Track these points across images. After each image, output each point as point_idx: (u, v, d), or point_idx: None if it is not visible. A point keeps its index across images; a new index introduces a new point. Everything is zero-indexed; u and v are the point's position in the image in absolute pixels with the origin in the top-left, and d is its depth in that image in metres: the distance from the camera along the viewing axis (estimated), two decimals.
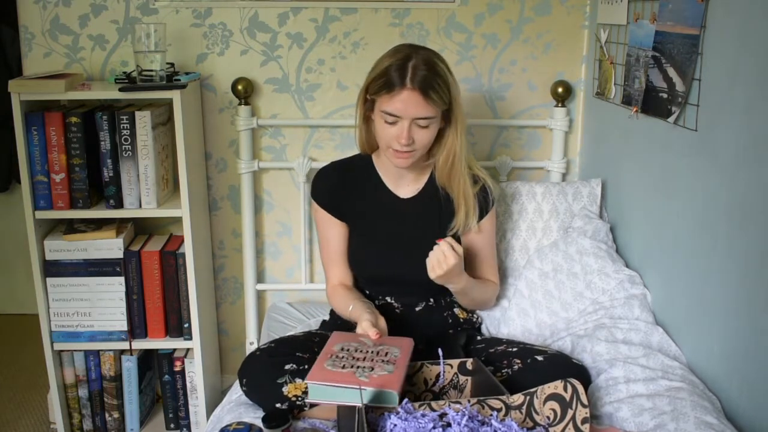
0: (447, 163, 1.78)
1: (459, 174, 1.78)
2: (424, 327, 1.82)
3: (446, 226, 1.83)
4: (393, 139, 1.68)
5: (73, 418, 2.22)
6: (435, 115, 1.67)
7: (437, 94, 1.64)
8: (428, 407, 1.33)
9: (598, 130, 2.26)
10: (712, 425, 1.41)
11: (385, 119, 1.67)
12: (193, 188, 2.11)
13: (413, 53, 1.66)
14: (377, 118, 1.70)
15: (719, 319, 1.55)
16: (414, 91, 1.62)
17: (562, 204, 2.12)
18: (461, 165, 1.78)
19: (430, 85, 1.63)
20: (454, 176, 1.79)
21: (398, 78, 1.62)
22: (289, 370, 1.56)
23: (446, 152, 1.77)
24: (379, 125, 1.70)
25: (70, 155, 2.00)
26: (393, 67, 1.64)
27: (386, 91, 1.64)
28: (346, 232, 1.88)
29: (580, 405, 1.30)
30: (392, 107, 1.64)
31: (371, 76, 1.70)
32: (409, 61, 1.64)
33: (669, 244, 1.77)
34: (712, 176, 1.55)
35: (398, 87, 1.62)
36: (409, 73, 1.62)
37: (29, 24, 2.22)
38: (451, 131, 1.75)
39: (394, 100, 1.64)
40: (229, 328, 2.49)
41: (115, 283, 2.10)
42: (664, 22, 1.70)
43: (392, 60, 1.66)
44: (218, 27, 2.26)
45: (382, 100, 1.66)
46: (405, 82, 1.62)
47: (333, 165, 1.91)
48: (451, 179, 1.79)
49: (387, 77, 1.64)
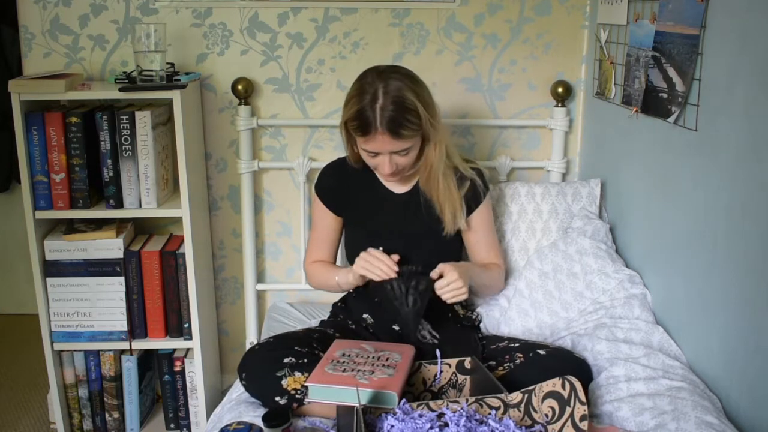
0: (425, 172, 1.82)
1: (436, 182, 1.81)
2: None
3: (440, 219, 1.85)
4: (377, 167, 1.76)
5: (73, 418, 2.22)
6: (411, 145, 1.72)
7: (408, 129, 1.67)
8: (426, 407, 1.33)
9: (598, 130, 2.26)
10: (712, 425, 1.41)
11: (366, 152, 1.73)
12: (193, 188, 2.11)
13: (379, 89, 1.67)
14: (359, 148, 1.76)
15: (719, 318, 1.54)
16: (385, 134, 1.66)
17: (561, 204, 2.12)
18: (438, 174, 1.80)
19: (399, 124, 1.65)
20: (433, 185, 1.82)
21: (368, 124, 1.66)
22: (288, 363, 1.57)
23: (424, 164, 1.81)
24: (363, 154, 1.76)
25: (70, 155, 2.00)
26: (362, 111, 1.66)
27: (360, 134, 1.69)
28: (339, 226, 1.94)
29: (579, 402, 1.30)
30: (369, 147, 1.71)
31: (345, 115, 1.72)
32: (375, 103, 1.65)
33: (669, 244, 1.77)
34: (712, 176, 1.55)
35: (372, 131, 1.66)
36: (378, 117, 1.65)
37: (29, 24, 2.22)
38: (428, 147, 1.78)
39: (368, 142, 1.69)
40: (229, 328, 2.49)
41: (115, 283, 2.10)
42: (664, 22, 1.70)
43: (361, 102, 1.67)
44: (218, 27, 2.26)
45: (359, 140, 1.72)
46: (376, 126, 1.65)
47: (338, 161, 1.95)
48: (430, 187, 1.83)
49: (358, 121, 1.67)
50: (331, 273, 1.89)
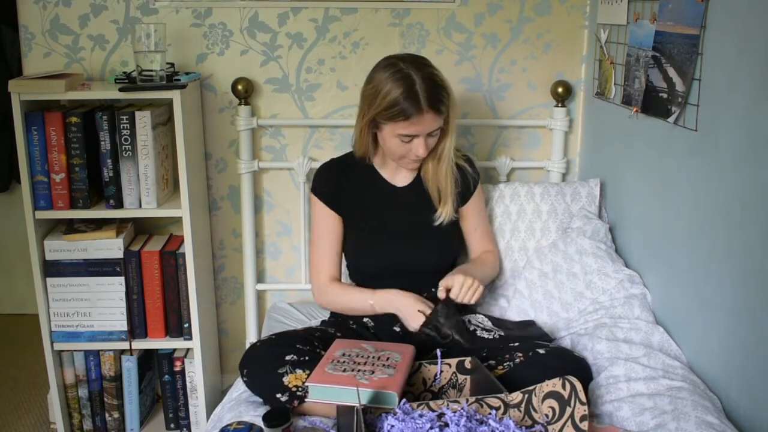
0: (435, 160, 1.85)
1: (446, 170, 1.85)
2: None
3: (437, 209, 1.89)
4: (410, 153, 1.77)
5: (73, 418, 2.22)
6: (443, 123, 1.77)
7: (445, 105, 1.73)
8: (426, 407, 1.33)
9: (598, 130, 2.26)
10: (713, 425, 1.41)
11: (401, 139, 1.74)
12: (193, 188, 2.11)
13: (411, 72, 1.70)
14: (390, 137, 1.76)
15: (719, 318, 1.55)
16: (429, 111, 1.70)
17: (560, 204, 2.12)
18: (448, 161, 1.85)
19: (440, 101, 1.71)
20: (441, 173, 1.85)
21: (413, 106, 1.68)
22: (289, 360, 1.57)
23: (438, 149, 1.83)
24: (394, 144, 1.76)
25: (70, 155, 2.00)
26: (403, 97, 1.68)
27: (403, 119, 1.70)
28: (341, 227, 1.91)
29: (579, 403, 1.30)
30: (411, 130, 1.72)
31: (379, 106, 1.71)
32: (415, 85, 1.69)
33: (669, 244, 1.77)
34: (712, 176, 1.55)
35: (416, 114, 1.69)
36: (422, 97, 1.68)
37: (29, 24, 2.22)
38: (446, 133, 1.82)
39: (412, 125, 1.71)
40: (229, 328, 2.49)
41: (115, 283, 2.10)
42: (664, 22, 1.70)
43: (399, 89, 1.69)
44: (218, 27, 2.26)
45: (397, 125, 1.72)
46: (421, 107, 1.68)
47: (332, 161, 1.96)
48: (438, 176, 1.86)
49: (400, 107, 1.69)
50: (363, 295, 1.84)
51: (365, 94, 1.77)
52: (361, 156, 1.89)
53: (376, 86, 1.73)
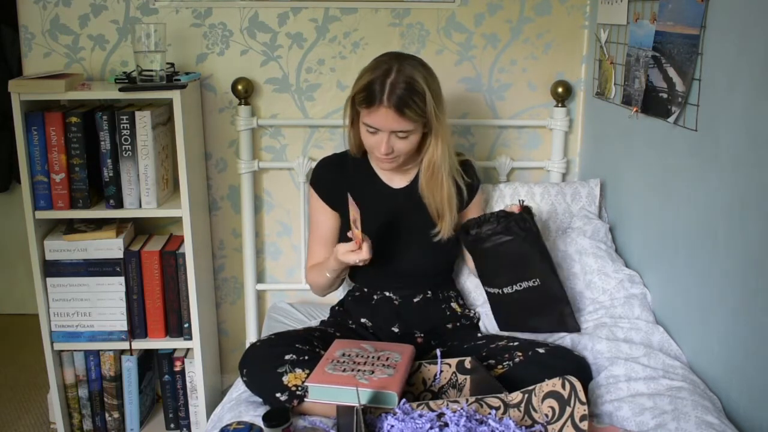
0: (428, 170, 1.83)
1: (440, 183, 1.82)
2: (422, 319, 1.85)
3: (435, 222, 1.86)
4: (374, 147, 1.76)
5: (73, 418, 2.22)
6: (412, 129, 1.73)
7: (412, 111, 1.69)
8: (426, 407, 1.33)
9: (598, 130, 2.26)
10: (713, 425, 1.41)
11: (367, 129, 1.74)
12: (193, 188, 2.11)
13: (394, 68, 1.70)
14: (360, 126, 1.77)
15: (719, 318, 1.55)
16: (389, 108, 1.68)
17: (560, 204, 2.12)
18: (442, 174, 1.82)
19: (405, 103, 1.68)
20: (435, 185, 1.83)
21: (376, 95, 1.68)
22: (289, 360, 1.57)
23: (427, 160, 1.82)
24: (363, 133, 1.78)
25: (70, 155, 2.00)
26: (372, 83, 1.69)
27: (365, 105, 1.71)
28: (337, 222, 1.92)
29: (579, 402, 1.30)
30: (370, 120, 1.72)
31: (355, 87, 1.75)
32: (387, 78, 1.69)
33: (669, 244, 1.77)
34: (712, 176, 1.55)
35: (376, 103, 1.69)
36: (387, 90, 1.68)
37: (29, 24, 2.22)
38: (431, 141, 1.79)
39: (372, 115, 1.71)
40: (229, 328, 2.49)
41: (115, 283, 2.10)
42: (664, 22, 1.70)
43: (373, 75, 1.70)
44: (218, 27, 2.26)
45: (363, 113, 1.73)
46: (382, 99, 1.68)
47: (333, 156, 1.97)
48: (433, 188, 1.83)
49: (367, 92, 1.70)
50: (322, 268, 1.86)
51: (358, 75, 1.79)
52: (353, 151, 1.89)
53: (363, 69, 1.76)
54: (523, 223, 1.71)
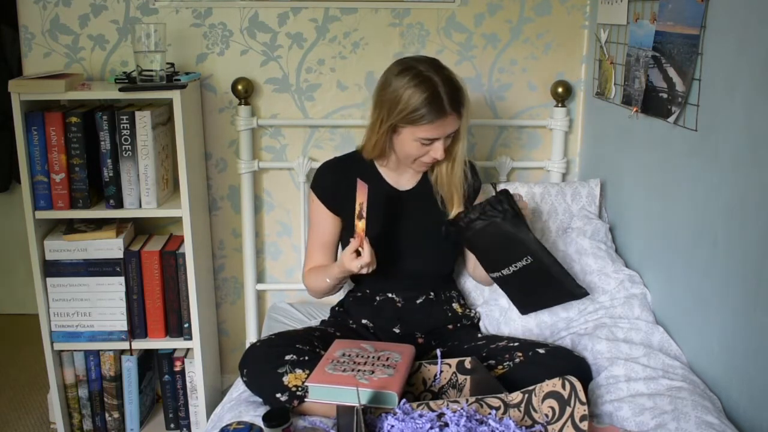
0: (449, 162, 1.83)
1: (459, 175, 1.84)
2: (424, 320, 1.85)
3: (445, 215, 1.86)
4: (427, 156, 1.76)
5: (73, 418, 2.22)
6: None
7: (464, 107, 1.73)
8: (426, 407, 1.33)
9: (598, 130, 2.26)
10: (713, 425, 1.41)
11: (421, 142, 1.73)
12: (193, 188, 2.11)
13: (432, 76, 1.69)
14: (409, 140, 1.74)
15: (719, 318, 1.55)
16: (452, 114, 1.71)
17: (560, 204, 2.12)
18: (462, 163, 1.83)
19: (461, 103, 1.73)
20: (456, 176, 1.84)
21: (438, 110, 1.68)
22: (289, 360, 1.57)
23: (452, 152, 1.82)
24: (412, 147, 1.75)
25: (70, 155, 2.00)
26: (428, 101, 1.67)
27: (427, 122, 1.69)
28: (338, 227, 1.91)
29: (579, 403, 1.30)
30: (433, 134, 1.71)
31: (401, 111, 1.70)
32: (437, 88, 1.68)
33: (669, 244, 1.77)
34: (712, 176, 1.55)
35: (440, 117, 1.69)
36: (445, 101, 1.68)
37: (29, 24, 2.22)
38: (460, 135, 1.80)
39: (435, 129, 1.71)
40: (229, 328, 2.49)
41: (115, 283, 2.10)
42: (664, 22, 1.70)
43: (422, 93, 1.68)
44: (218, 27, 2.26)
45: (419, 129, 1.71)
46: (445, 110, 1.69)
47: (335, 160, 1.95)
48: (453, 179, 1.84)
49: (424, 110, 1.68)
50: (322, 274, 1.84)
51: (383, 99, 1.74)
52: (370, 158, 1.88)
53: (396, 91, 1.70)
54: (500, 205, 1.72)
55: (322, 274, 1.84)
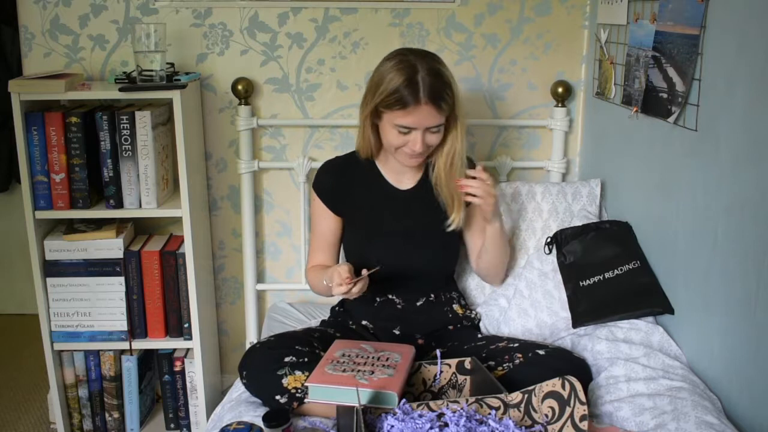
0: (447, 161, 1.81)
1: (456, 171, 1.81)
2: (424, 322, 1.84)
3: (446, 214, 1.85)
4: (406, 146, 1.73)
5: (73, 418, 2.22)
6: (443, 121, 1.73)
7: (446, 102, 1.69)
8: (426, 407, 1.33)
9: (598, 130, 2.26)
10: (712, 425, 1.41)
11: (399, 130, 1.71)
12: (193, 188, 2.11)
13: (417, 63, 1.68)
14: (388, 128, 1.73)
15: (719, 318, 1.54)
16: (428, 104, 1.67)
17: (561, 204, 2.12)
18: (461, 162, 1.81)
19: (441, 97, 1.68)
20: (453, 174, 1.81)
21: (412, 95, 1.66)
22: (288, 362, 1.57)
23: (446, 151, 1.80)
24: (391, 135, 1.73)
25: (70, 155, 2.00)
26: (406, 83, 1.66)
27: (400, 107, 1.67)
28: (339, 226, 1.91)
29: (578, 402, 1.30)
30: (407, 121, 1.69)
31: (381, 93, 1.70)
32: (417, 75, 1.67)
33: (669, 243, 1.76)
34: (712, 176, 1.55)
35: (413, 104, 1.66)
36: (422, 88, 1.66)
37: (29, 24, 2.22)
38: (453, 130, 1.78)
39: (409, 116, 1.68)
40: (229, 328, 2.49)
41: (115, 283, 2.10)
42: (664, 22, 1.70)
43: (401, 77, 1.67)
44: (218, 27, 2.26)
45: (395, 115, 1.69)
46: (419, 98, 1.66)
47: (337, 159, 1.94)
48: (449, 178, 1.81)
49: (399, 94, 1.67)
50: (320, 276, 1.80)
51: (369, 85, 1.75)
52: (365, 154, 1.87)
53: (381, 74, 1.72)
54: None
55: (320, 275, 1.84)
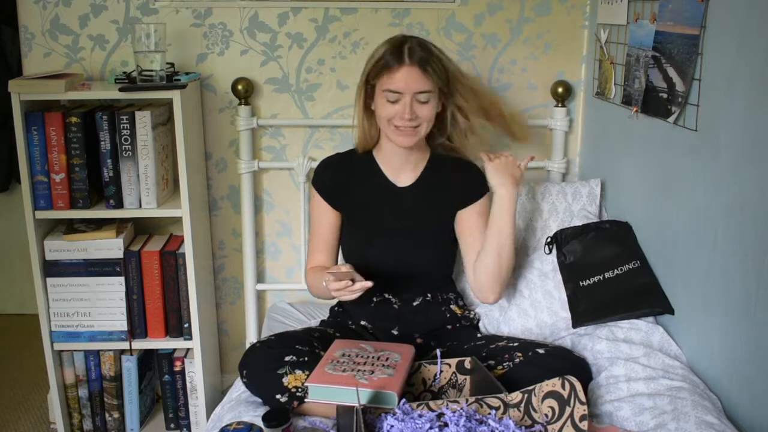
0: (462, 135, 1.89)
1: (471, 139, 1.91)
2: (422, 322, 1.84)
3: (444, 213, 1.87)
4: (396, 117, 1.75)
5: (73, 418, 2.22)
6: (433, 90, 1.76)
7: (432, 68, 1.74)
8: (426, 407, 1.33)
9: (598, 130, 2.26)
10: (712, 425, 1.41)
11: (387, 98, 1.75)
12: (193, 188, 2.11)
13: (407, 38, 1.78)
14: (379, 99, 1.77)
15: (719, 318, 1.55)
16: (413, 66, 1.72)
17: (561, 204, 2.12)
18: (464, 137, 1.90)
19: (426, 60, 1.74)
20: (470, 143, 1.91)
21: (396, 57, 1.73)
22: (289, 361, 1.57)
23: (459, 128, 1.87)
24: (381, 106, 1.77)
25: (70, 155, 2.00)
26: (389, 50, 1.74)
27: (386, 70, 1.73)
28: (338, 222, 1.92)
29: (578, 402, 1.30)
30: (394, 84, 1.73)
31: (369, 64, 1.79)
32: (404, 44, 1.75)
33: (669, 243, 1.77)
34: (712, 176, 1.55)
35: (397, 64, 1.72)
36: (406, 51, 1.73)
37: (29, 24, 2.22)
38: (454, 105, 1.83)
39: (394, 78, 1.72)
40: (229, 328, 2.49)
41: (115, 283, 2.10)
42: (664, 22, 1.70)
43: (387, 46, 1.76)
44: (218, 27, 2.26)
45: (383, 80, 1.74)
46: (403, 58, 1.72)
47: (336, 156, 1.96)
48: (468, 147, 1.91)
49: (385, 59, 1.74)
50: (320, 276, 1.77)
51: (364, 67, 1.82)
52: (363, 147, 1.89)
53: (374, 51, 1.80)
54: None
55: (320, 276, 1.83)
